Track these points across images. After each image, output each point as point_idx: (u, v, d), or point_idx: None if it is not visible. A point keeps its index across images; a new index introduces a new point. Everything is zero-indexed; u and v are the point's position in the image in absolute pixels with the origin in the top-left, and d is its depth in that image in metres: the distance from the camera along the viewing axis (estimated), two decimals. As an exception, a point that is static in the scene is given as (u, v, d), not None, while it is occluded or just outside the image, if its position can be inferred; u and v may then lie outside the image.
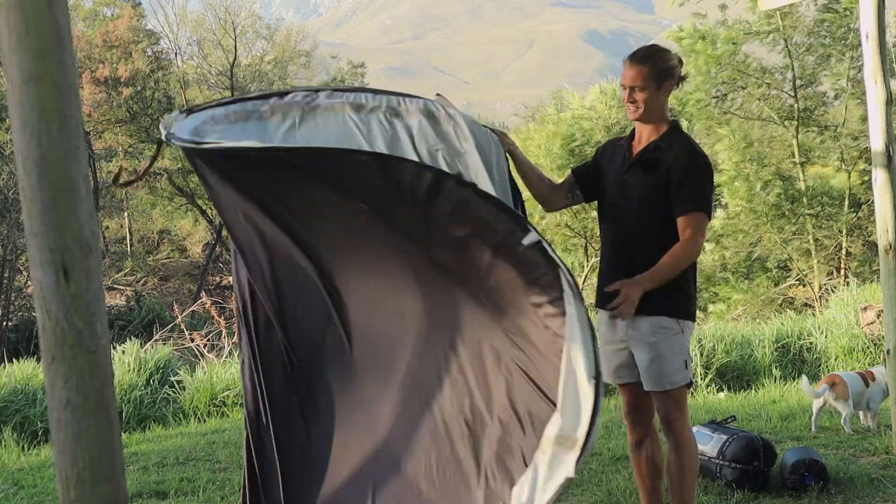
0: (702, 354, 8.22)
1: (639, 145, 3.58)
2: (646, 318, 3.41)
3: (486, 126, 3.57)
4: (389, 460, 3.30)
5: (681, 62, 3.59)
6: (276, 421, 3.48)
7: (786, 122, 14.48)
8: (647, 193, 3.46)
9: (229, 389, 8.02)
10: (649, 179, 3.46)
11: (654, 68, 3.47)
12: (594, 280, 17.32)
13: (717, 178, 14.96)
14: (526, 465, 2.82)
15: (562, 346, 2.72)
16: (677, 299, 3.45)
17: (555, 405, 2.75)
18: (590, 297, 16.04)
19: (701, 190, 3.44)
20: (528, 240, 2.73)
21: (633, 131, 3.67)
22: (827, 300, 11.75)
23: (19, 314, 17.73)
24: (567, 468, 2.64)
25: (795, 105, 14.27)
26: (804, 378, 5.68)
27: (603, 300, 3.49)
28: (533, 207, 17.26)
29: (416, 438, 3.23)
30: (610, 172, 3.63)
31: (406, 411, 3.30)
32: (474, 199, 2.79)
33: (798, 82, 14.30)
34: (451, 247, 2.96)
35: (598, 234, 3.84)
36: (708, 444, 4.59)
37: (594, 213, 17.25)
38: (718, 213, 14.39)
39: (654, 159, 3.48)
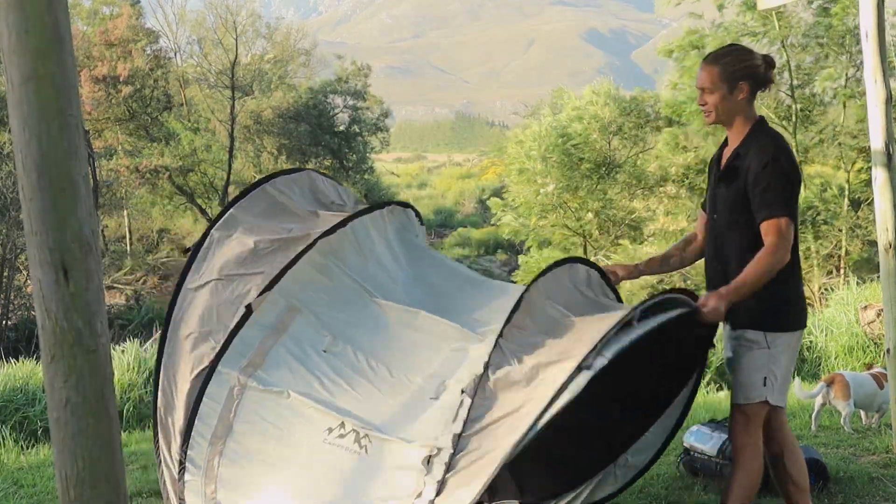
0: (701, 353, 8.21)
1: (728, 153, 3.44)
2: (731, 330, 3.34)
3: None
4: None
5: (768, 63, 3.38)
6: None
7: (783, 123, 14.49)
8: (732, 206, 3.33)
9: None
10: (732, 191, 3.33)
11: (725, 69, 3.31)
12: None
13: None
14: None
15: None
16: (767, 310, 3.27)
17: None
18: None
19: (777, 192, 3.23)
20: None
21: (727, 137, 3.50)
22: (827, 299, 11.75)
23: (19, 313, 17.72)
24: None
25: (793, 105, 14.28)
26: (797, 381, 5.67)
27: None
28: (529, 210, 17.10)
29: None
30: (708, 186, 3.56)
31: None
32: None
33: (795, 82, 14.31)
34: None
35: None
36: (708, 443, 4.58)
37: (590, 215, 17.34)
38: None
39: (735, 169, 3.33)
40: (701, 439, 4.63)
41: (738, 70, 3.30)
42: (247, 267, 3.65)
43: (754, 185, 3.24)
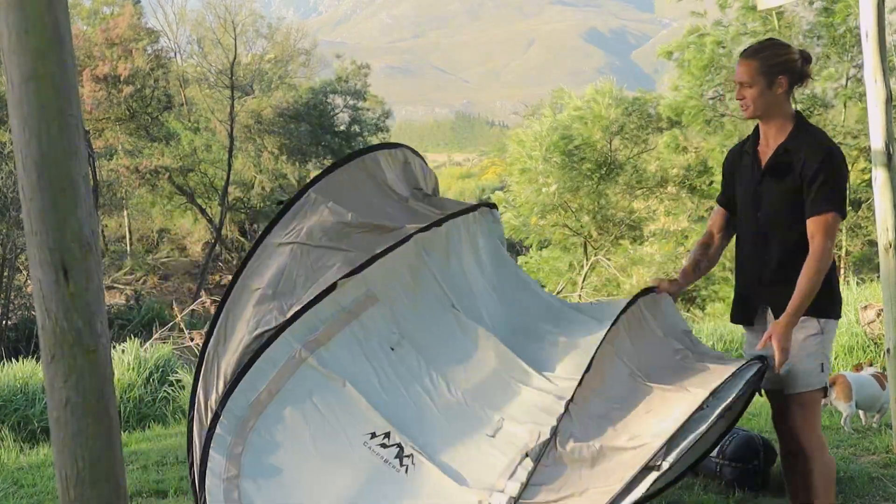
0: (701, 353, 8.21)
1: (766, 149, 3.39)
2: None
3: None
4: None
5: (805, 57, 3.38)
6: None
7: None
8: (782, 202, 3.29)
9: (229, 388, 8.01)
10: (783, 186, 3.29)
11: (764, 63, 3.29)
12: (593, 278, 17.29)
13: (715, 181, 14.99)
14: None
15: None
16: (820, 296, 3.25)
17: None
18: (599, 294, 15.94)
19: (831, 188, 3.22)
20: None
21: (755, 133, 3.48)
22: (827, 299, 11.73)
23: (19, 313, 17.71)
24: None
25: (793, 105, 14.28)
26: None
27: (740, 316, 3.49)
28: (530, 210, 17.08)
29: None
30: (742, 182, 3.47)
31: None
32: None
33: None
34: None
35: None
36: (708, 443, 4.58)
37: (586, 217, 17.34)
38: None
39: (786, 164, 3.30)
40: (701, 439, 4.63)
41: (776, 64, 3.30)
42: (335, 241, 3.55)
43: (811, 180, 3.22)
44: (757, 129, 3.47)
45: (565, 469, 3.04)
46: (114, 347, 8.53)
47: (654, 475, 2.89)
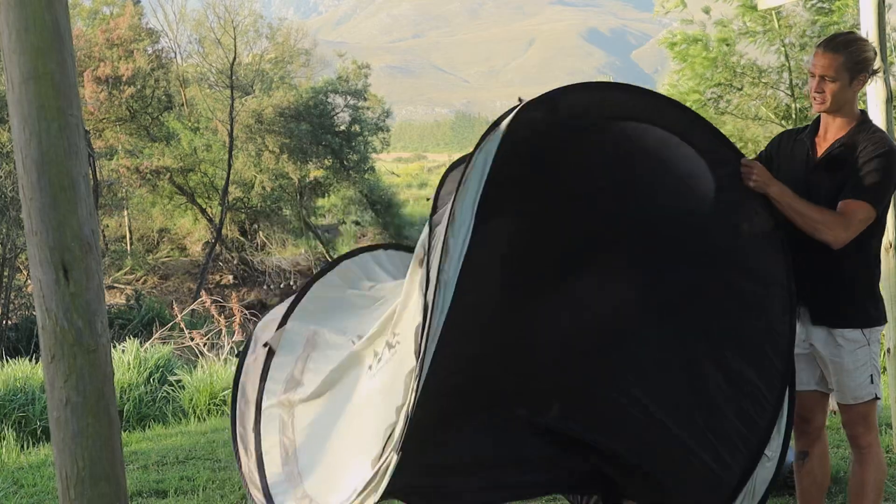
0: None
1: (823, 142, 3.31)
2: (825, 329, 3.25)
3: None
4: None
5: (876, 54, 3.32)
6: None
7: (783, 122, 14.49)
8: (832, 196, 3.19)
9: (229, 388, 8.01)
10: (834, 181, 3.20)
11: (850, 59, 3.18)
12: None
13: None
14: None
15: None
16: (862, 306, 3.23)
17: None
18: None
19: (876, 181, 3.13)
20: None
21: (815, 123, 3.39)
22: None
23: (19, 313, 17.70)
24: None
25: (793, 105, 14.28)
26: None
27: None
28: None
29: None
30: (788, 169, 3.35)
31: None
32: None
33: (794, 81, 14.31)
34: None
35: None
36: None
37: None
38: None
39: (840, 159, 3.22)
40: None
41: (862, 61, 3.21)
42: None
43: (858, 171, 3.15)
44: (817, 119, 3.37)
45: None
46: (114, 347, 8.53)
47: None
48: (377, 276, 3.88)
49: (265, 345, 3.62)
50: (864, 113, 3.33)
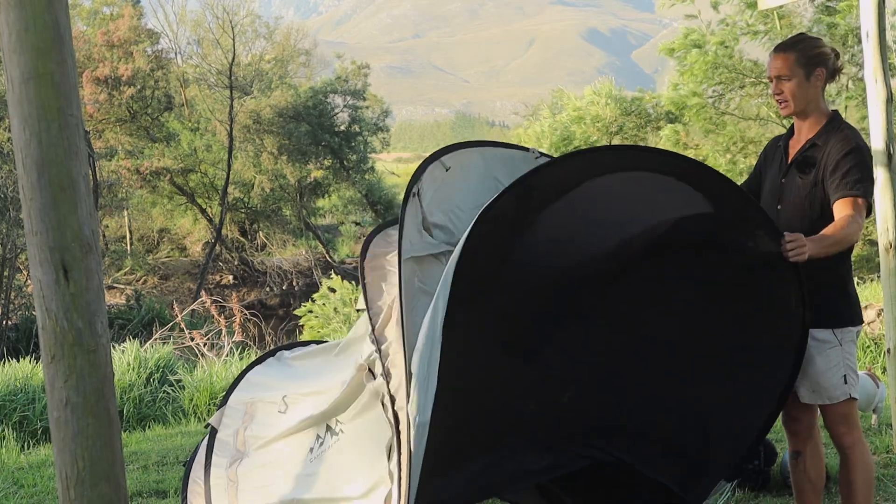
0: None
1: (796, 143, 3.35)
2: None
3: None
4: None
5: (836, 53, 3.32)
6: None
7: (784, 121, 14.50)
8: (802, 196, 3.23)
9: (229, 388, 8.01)
10: (805, 181, 3.23)
11: (802, 55, 3.23)
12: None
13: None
14: None
15: None
16: (832, 306, 3.22)
17: None
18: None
19: (857, 176, 3.13)
20: None
21: (791, 128, 3.43)
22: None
23: (19, 313, 17.71)
24: None
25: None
26: None
27: None
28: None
29: None
30: (768, 177, 3.42)
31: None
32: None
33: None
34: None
35: None
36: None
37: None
38: None
39: (810, 158, 3.24)
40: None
41: (814, 56, 3.24)
42: None
43: (833, 170, 3.15)
44: (793, 124, 3.40)
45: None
46: (114, 347, 8.52)
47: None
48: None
49: (206, 425, 3.84)
50: (835, 112, 3.35)
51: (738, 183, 3.42)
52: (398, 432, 2.86)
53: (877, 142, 4.84)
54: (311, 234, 29.07)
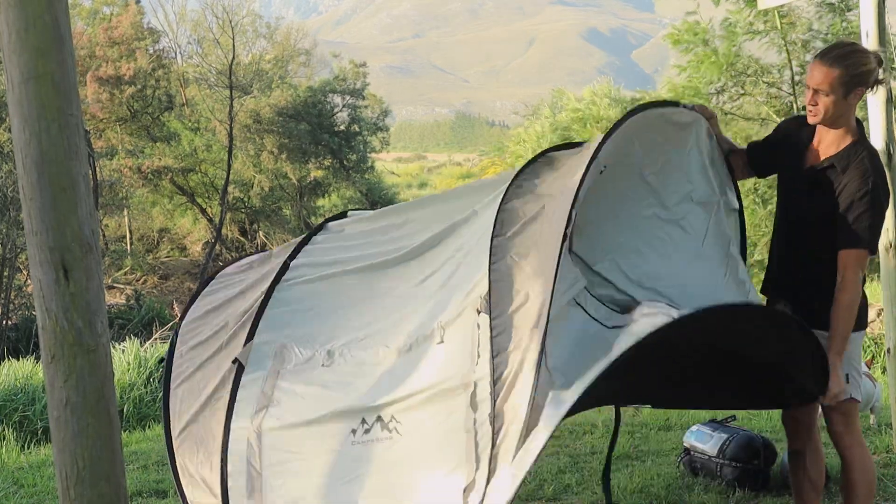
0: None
1: (816, 153, 3.28)
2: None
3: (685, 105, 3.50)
4: None
5: (880, 63, 3.22)
6: None
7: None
8: (819, 218, 3.22)
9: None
10: (820, 205, 3.21)
11: (846, 73, 3.09)
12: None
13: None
14: None
15: None
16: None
17: None
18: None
19: (868, 224, 3.14)
20: None
21: (815, 127, 3.34)
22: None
23: (19, 313, 17.71)
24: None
25: (794, 104, 14.28)
26: None
27: (773, 290, 3.46)
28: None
29: None
30: (790, 164, 3.35)
31: None
32: None
33: (797, 79, 14.31)
34: None
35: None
36: (708, 442, 4.59)
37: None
38: None
39: (827, 182, 3.20)
40: (701, 439, 4.63)
41: (858, 75, 3.12)
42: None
43: (846, 211, 3.14)
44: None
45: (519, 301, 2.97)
46: (114, 347, 8.52)
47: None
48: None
49: (234, 361, 3.52)
50: (860, 126, 3.27)
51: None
52: (495, 440, 2.71)
53: (877, 142, 4.83)
54: (310, 233, 29.05)
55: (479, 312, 2.96)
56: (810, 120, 3.21)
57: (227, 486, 3.34)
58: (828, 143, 3.24)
